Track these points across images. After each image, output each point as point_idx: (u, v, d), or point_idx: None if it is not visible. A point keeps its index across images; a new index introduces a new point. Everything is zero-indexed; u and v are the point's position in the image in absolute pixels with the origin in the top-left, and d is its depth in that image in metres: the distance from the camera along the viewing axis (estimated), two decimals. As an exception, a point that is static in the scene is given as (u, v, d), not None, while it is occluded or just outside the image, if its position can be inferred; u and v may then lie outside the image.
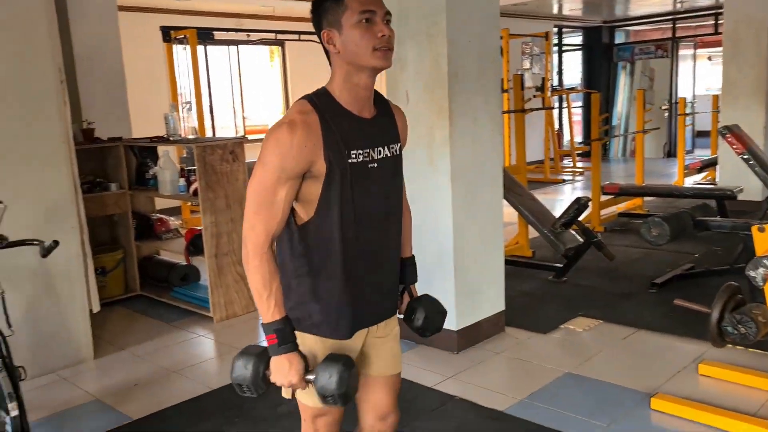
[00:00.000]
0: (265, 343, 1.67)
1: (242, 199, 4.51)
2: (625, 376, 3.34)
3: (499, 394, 3.22)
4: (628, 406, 3.04)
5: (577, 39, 13.82)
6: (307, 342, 1.75)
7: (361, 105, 1.72)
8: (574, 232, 5.02)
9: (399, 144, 1.83)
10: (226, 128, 9.31)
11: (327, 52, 1.71)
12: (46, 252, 2.66)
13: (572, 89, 12.49)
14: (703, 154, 11.19)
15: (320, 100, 1.69)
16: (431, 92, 3.55)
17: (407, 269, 2.00)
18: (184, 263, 4.89)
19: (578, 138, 12.95)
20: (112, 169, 5.02)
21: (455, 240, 3.62)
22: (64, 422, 3.17)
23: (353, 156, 1.67)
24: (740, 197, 5.89)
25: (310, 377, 1.64)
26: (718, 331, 2.88)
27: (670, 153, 12.45)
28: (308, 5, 1.79)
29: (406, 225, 2.01)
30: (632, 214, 7.06)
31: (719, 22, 12.33)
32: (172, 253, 5.06)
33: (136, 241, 5.04)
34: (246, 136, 6.61)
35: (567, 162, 11.91)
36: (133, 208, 5.08)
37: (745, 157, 4.18)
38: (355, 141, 1.68)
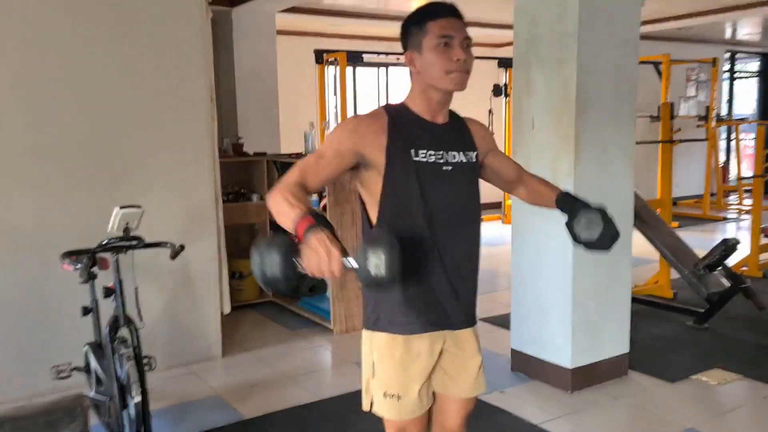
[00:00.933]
0: None
1: (369, 217, 4.64)
2: (758, 441, 3.00)
3: (608, 442, 3.03)
4: (755, 475, 2.73)
5: (754, 66, 12.70)
6: (382, 342, 1.81)
7: (434, 113, 1.81)
8: (720, 276, 4.60)
9: (476, 152, 1.88)
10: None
11: (410, 72, 1.82)
12: (174, 254, 2.92)
13: (742, 120, 11.47)
14: None
15: (395, 107, 1.82)
16: (558, 120, 3.44)
17: (568, 197, 1.93)
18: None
19: (749, 173, 11.85)
20: (256, 181, 5.38)
21: (575, 273, 3.46)
22: (184, 413, 3.43)
23: (421, 155, 1.75)
24: None
25: (350, 262, 1.43)
26: None
27: None
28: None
29: (541, 182, 2.05)
30: (799, 261, 6.32)
31: None
32: (304, 264, 5.30)
33: (272, 251, 5.34)
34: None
35: (733, 198, 10.94)
36: (272, 219, 5.39)
37: None
38: (425, 142, 1.77)
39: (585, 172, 3.43)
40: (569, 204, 1.90)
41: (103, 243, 2.79)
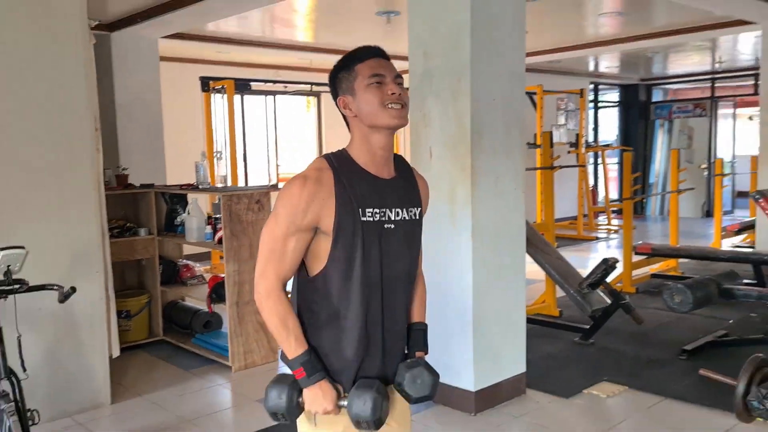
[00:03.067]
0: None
1: (266, 248, 4.54)
2: (648, 449, 3.20)
3: (514, 462, 3.12)
4: (649, 482, 2.91)
5: (614, 96, 13.80)
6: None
7: (379, 165, 1.74)
8: (602, 293, 4.91)
9: (419, 209, 1.83)
10: (260, 175, 9.48)
11: (345, 118, 1.78)
12: (64, 297, 2.70)
13: (607, 146, 12.40)
14: (743, 214, 10.93)
15: (338, 160, 1.73)
16: (454, 149, 3.56)
17: (415, 334, 1.93)
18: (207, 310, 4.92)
19: (615, 195, 12.80)
20: (143, 214, 5.13)
21: (474, 298, 3.57)
22: (73, 469, 3.16)
23: (368, 215, 1.69)
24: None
25: (343, 403, 1.70)
26: (744, 406, 2.75)
27: (709, 213, 12.18)
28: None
29: (420, 292, 1.99)
30: (666, 276, 6.88)
31: (759, 82, 12.21)
32: (197, 300, 5.10)
33: (162, 286, 5.10)
34: (278, 183, 6.72)
35: (602, 219, 11.75)
36: (161, 254, 5.16)
37: (780, 222, 4.06)
38: (371, 200, 1.70)
39: (481, 201, 3.56)
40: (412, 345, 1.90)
41: (-19, 288, 2.54)
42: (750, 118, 14.90)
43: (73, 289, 2.73)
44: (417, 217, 1.82)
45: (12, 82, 3.49)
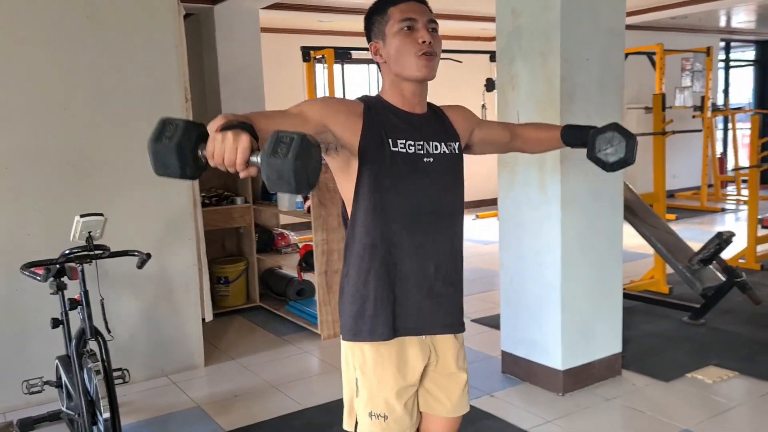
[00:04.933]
0: None
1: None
2: (755, 442, 2.89)
3: (600, 447, 2.92)
4: (753, 480, 2.62)
5: (750, 54, 12.56)
6: (367, 355, 1.69)
7: (411, 104, 1.71)
8: (715, 270, 4.48)
9: (458, 143, 1.76)
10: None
11: (377, 64, 1.73)
12: (141, 263, 2.80)
13: (738, 109, 11.33)
14: None
15: (371, 98, 1.71)
16: (543, 112, 3.32)
17: (570, 130, 1.90)
18: (302, 278, 5.00)
19: (746, 163, 11.73)
20: (240, 183, 5.26)
21: (563, 272, 3.35)
22: (161, 427, 3.31)
23: (400, 145, 1.63)
24: None
25: (255, 158, 1.18)
26: None
27: None
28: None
29: (538, 128, 2.02)
30: (798, 252, 6.21)
31: None
32: (292, 268, 5.19)
33: (258, 254, 5.23)
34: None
35: (731, 189, 10.83)
36: (258, 222, 5.28)
37: None
38: (403, 132, 1.66)
39: (571, 168, 3.32)
40: (579, 136, 1.85)
41: (66, 253, 2.67)
42: None
43: (149, 256, 2.82)
44: (457, 151, 1.75)
45: (113, 57, 3.63)
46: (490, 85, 8.92)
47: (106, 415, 2.61)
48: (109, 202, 3.55)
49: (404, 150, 1.63)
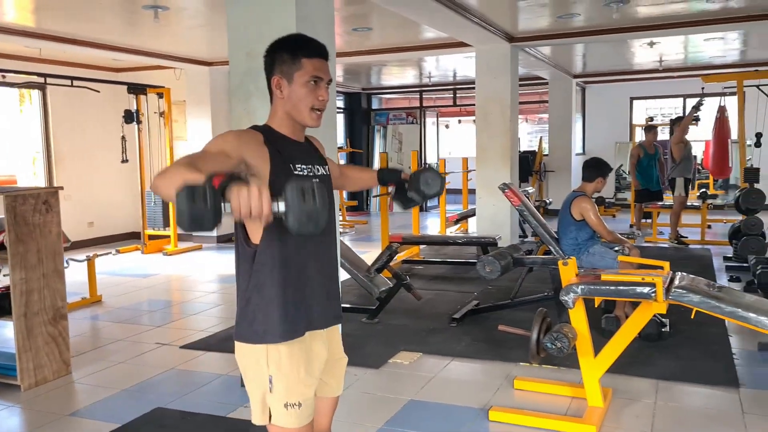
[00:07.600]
0: None
1: (56, 253, 4.18)
2: (458, 397, 3.80)
3: (357, 425, 3.46)
4: (472, 420, 3.50)
5: (340, 103, 14.92)
6: (281, 353, 1.87)
7: (298, 135, 1.98)
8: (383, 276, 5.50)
9: (327, 166, 2.09)
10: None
11: (271, 93, 1.95)
12: None
13: (341, 148, 13.38)
14: (455, 208, 12.74)
15: (263, 128, 1.93)
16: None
17: (385, 172, 2.34)
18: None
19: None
20: None
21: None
22: None
23: (299, 168, 1.91)
24: (499, 243, 6.97)
25: (278, 206, 1.44)
26: (537, 348, 3.51)
27: (422, 208, 13.91)
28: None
29: (357, 169, 2.46)
30: (413, 261, 7.85)
31: (457, 95, 14.37)
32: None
33: None
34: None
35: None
36: None
37: (520, 209, 5.04)
38: (298, 158, 1.93)
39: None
40: (392, 176, 2.31)
41: None
42: (446, 126, 17.38)
43: None
44: (327, 173, 2.08)
45: None
46: (128, 116, 8.77)
47: None
48: None
49: (303, 173, 1.92)
